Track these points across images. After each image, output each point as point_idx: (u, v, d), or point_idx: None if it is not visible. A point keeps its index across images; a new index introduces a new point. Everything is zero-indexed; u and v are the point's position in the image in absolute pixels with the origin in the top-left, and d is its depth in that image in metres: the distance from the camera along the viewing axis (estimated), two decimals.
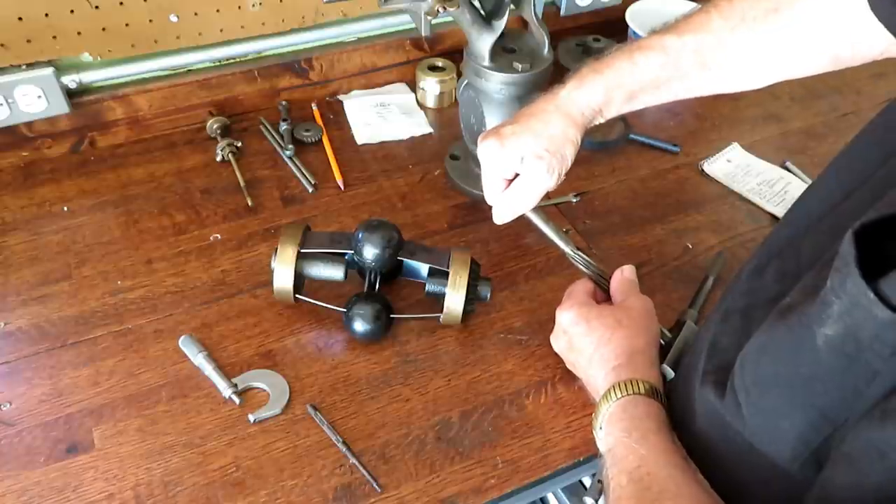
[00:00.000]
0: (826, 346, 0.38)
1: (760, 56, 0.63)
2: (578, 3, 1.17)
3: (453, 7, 0.77)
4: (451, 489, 0.66)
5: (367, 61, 1.09)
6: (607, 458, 0.59)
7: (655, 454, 0.55)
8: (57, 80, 0.91)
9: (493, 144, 0.66)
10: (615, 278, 0.73)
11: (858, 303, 0.35)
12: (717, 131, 1.08)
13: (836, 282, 0.37)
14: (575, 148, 0.67)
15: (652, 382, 0.62)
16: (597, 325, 0.67)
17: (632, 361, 0.64)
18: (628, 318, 0.67)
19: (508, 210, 0.70)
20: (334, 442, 0.68)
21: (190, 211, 0.91)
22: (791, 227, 0.56)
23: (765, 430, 0.46)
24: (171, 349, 0.75)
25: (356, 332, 0.75)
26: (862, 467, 0.38)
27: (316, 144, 1.01)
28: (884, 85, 1.17)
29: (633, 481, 0.54)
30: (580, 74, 0.67)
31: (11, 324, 0.78)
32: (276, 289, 0.75)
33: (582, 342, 0.68)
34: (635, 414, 0.59)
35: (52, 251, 0.85)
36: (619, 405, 0.61)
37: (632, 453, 0.56)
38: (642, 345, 0.66)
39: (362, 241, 0.74)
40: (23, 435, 0.68)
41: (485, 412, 0.72)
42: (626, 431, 0.58)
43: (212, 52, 1.01)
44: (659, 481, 0.53)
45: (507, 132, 0.66)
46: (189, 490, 0.65)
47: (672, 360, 0.68)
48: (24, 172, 0.95)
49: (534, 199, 0.69)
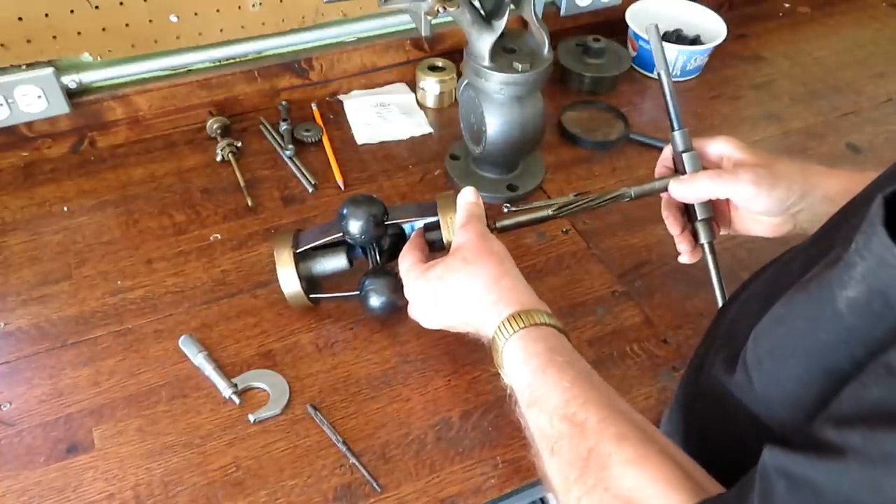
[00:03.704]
0: (849, 307, 0.38)
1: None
2: (578, 3, 1.17)
3: (453, 7, 0.77)
4: (451, 489, 0.66)
5: (367, 61, 1.09)
6: (519, 399, 0.56)
7: (577, 385, 0.52)
8: (57, 80, 0.91)
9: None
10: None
11: (885, 261, 0.35)
12: (717, 131, 1.07)
13: (860, 243, 0.36)
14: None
15: (534, 306, 0.59)
16: (448, 276, 0.64)
17: (502, 289, 0.61)
18: (470, 252, 0.63)
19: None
20: (334, 442, 0.68)
21: (190, 211, 0.91)
22: (823, 224, 0.55)
23: (778, 401, 0.45)
24: (171, 349, 0.75)
25: (375, 308, 0.74)
26: (866, 381, 0.37)
27: (316, 144, 1.01)
28: (884, 85, 1.17)
29: (564, 419, 0.51)
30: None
31: (11, 324, 0.78)
32: (287, 295, 0.75)
33: (446, 300, 0.64)
34: (537, 349, 0.56)
35: (52, 251, 0.85)
36: (518, 342, 0.57)
37: (552, 391, 0.53)
38: (498, 270, 0.62)
39: (346, 217, 0.72)
40: (23, 435, 0.68)
41: (485, 412, 0.72)
42: (539, 370, 0.55)
43: (212, 52, 1.01)
44: (589, 409, 0.50)
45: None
46: (189, 490, 0.65)
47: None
48: (24, 172, 0.95)
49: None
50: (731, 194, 0.65)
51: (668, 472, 0.45)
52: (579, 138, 1.04)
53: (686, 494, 0.43)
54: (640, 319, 0.81)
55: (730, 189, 0.65)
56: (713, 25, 1.18)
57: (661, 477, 0.45)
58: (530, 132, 0.89)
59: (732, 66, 1.22)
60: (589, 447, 0.48)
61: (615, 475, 0.46)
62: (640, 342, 0.79)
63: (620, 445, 0.47)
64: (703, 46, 1.15)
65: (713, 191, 0.66)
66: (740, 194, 0.65)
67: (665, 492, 0.44)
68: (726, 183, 0.65)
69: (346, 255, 0.76)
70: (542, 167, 0.98)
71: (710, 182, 0.66)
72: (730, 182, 0.65)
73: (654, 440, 0.48)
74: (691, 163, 0.70)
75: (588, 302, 0.82)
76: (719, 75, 1.20)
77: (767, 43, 1.28)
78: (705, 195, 0.68)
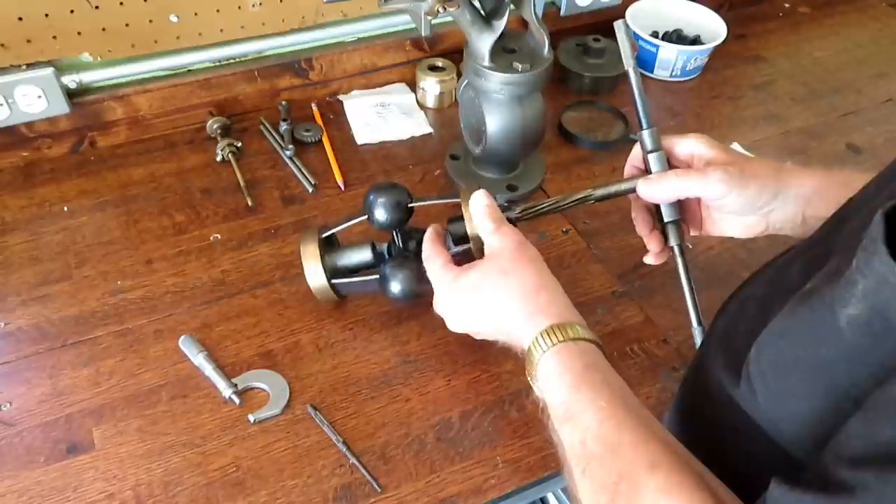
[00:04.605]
0: (849, 325, 0.38)
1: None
2: (578, 3, 1.17)
3: (453, 7, 0.77)
4: (451, 489, 0.66)
5: (367, 61, 1.09)
6: (552, 414, 0.55)
7: (612, 405, 0.51)
8: (57, 80, 0.91)
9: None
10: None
11: (886, 280, 0.34)
12: (718, 131, 1.08)
13: (861, 261, 0.36)
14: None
15: (571, 319, 0.58)
16: (484, 284, 0.62)
17: (540, 301, 0.59)
18: (508, 262, 0.62)
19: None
20: (334, 442, 0.68)
21: (190, 211, 0.91)
22: (821, 226, 0.55)
23: (782, 416, 0.45)
24: (171, 349, 0.75)
25: (395, 295, 0.72)
26: (876, 419, 0.37)
27: (316, 144, 1.01)
28: (884, 85, 1.17)
29: (597, 440, 0.50)
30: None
31: (11, 324, 0.78)
32: (313, 289, 0.75)
33: (481, 309, 0.62)
34: (574, 366, 0.55)
35: (52, 251, 0.85)
36: (554, 357, 0.55)
37: (586, 410, 0.51)
38: (537, 280, 0.61)
39: (372, 203, 0.72)
40: (23, 435, 0.68)
41: (485, 412, 0.72)
42: (575, 387, 0.53)
43: (212, 52, 1.01)
44: (623, 432, 0.49)
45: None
46: (189, 490, 0.65)
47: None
48: (24, 172, 0.95)
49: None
50: (701, 193, 0.64)
51: (699, 501, 0.44)
52: (579, 138, 1.04)
53: None
54: (640, 319, 0.81)
55: (699, 188, 0.63)
56: (713, 25, 1.18)
57: None
58: (530, 132, 0.89)
59: (732, 66, 1.22)
60: (620, 472, 0.47)
61: (647, 501, 0.45)
62: (640, 342, 0.79)
63: (653, 473, 0.46)
64: (703, 46, 1.15)
65: (682, 190, 0.64)
66: (710, 193, 0.63)
67: None
68: (695, 181, 0.63)
69: (371, 247, 0.76)
70: (542, 167, 0.98)
71: (679, 181, 0.64)
72: (699, 181, 0.63)
73: (688, 465, 0.47)
74: (657, 163, 0.67)
75: (588, 302, 0.82)
76: (719, 75, 1.20)
77: (767, 43, 1.28)
78: (674, 195, 0.66)
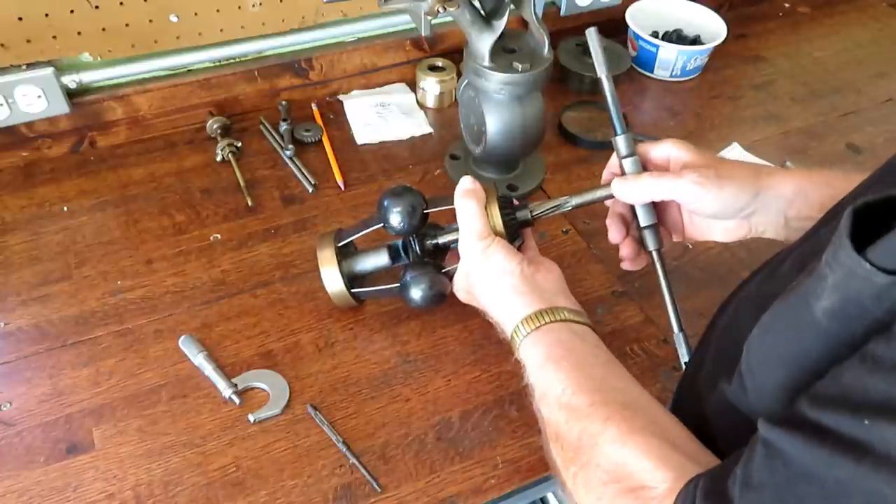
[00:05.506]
0: (825, 315, 0.39)
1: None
2: (578, 3, 1.17)
3: (453, 7, 0.77)
4: (451, 489, 0.66)
5: (367, 61, 1.09)
6: (533, 393, 0.60)
7: (575, 373, 0.57)
8: (57, 80, 0.91)
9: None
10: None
11: (854, 273, 0.36)
12: (717, 131, 1.08)
13: (829, 255, 0.37)
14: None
15: (555, 304, 0.63)
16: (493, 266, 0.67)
17: (533, 295, 0.64)
18: (532, 265, 0.67)
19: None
20: (334, 442, 0.68)
21: (190, 211, 0.91)
22: (813, 225, 0.56)
23: (771, 412, 0.45)
24: (171, 349, 0.75)
25: (416, 301, 0.72)
26: (844, 368, 0.39)
27: (316, 144, 1.01)
28: (884, 85, 1.18)
29: (561, 407, 0.55)
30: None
31: (11, 324, 0.78)
32: (331, 294, 0.75)
33: (484, 284, 0.67)
34: (546, 342, 0.60)
35: (52, 251, 0.85)
36: (529, 341, 0.61)
37: (553, 382, 0.57)
38: (557, 286, 0.67)
39: (386, 209, 0.72)
40: (23, 435, 0.68)
41: (485, 412, 0.72)
42: (540, 366, 0.59)
43: (212, 52, 1.01)
44: (583, 395, 0.55)
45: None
46: (189, 490, 0.65)
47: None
48: (24, 172, 0.95)
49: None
50: (676, 195, 0.63)
51: (655, 446, 0.49)
52: (579, 138, 1.04)
53: (672, 467, 0.47)
54: (640, 319, 0.81)
55: (673, 189, 0.63)
56: (713, 25, 1.18)
57: (647, 452, 0.48)
58: (530, 132, 0.89)
59: (732, 66, 1.22)
60: (581, 428, 0.53)
61: (605, 452, 0.51)
62: (640, 342, 0.79)
63: (606, 425, 0.52)
64: (703, 46, 1.15)
65: (657, 191, 0.64)
66: (685, 195, 0.63)
67: (653, 467, 0.48)
68: (669, 182, 0.63)
69: (388, 252, 0.76)
70: (542, 167, 0.98)
71: (653, 181, 0.64)
72: (673, 182, 0.62)
73: (642, 417, 0.52)
74: (632, 167, 0.67)
75: (588, 302, 0.82)
76: (719, 75, 1.20)
77: (767, 43, 1.28)
78: (648, 195, 0.65)
